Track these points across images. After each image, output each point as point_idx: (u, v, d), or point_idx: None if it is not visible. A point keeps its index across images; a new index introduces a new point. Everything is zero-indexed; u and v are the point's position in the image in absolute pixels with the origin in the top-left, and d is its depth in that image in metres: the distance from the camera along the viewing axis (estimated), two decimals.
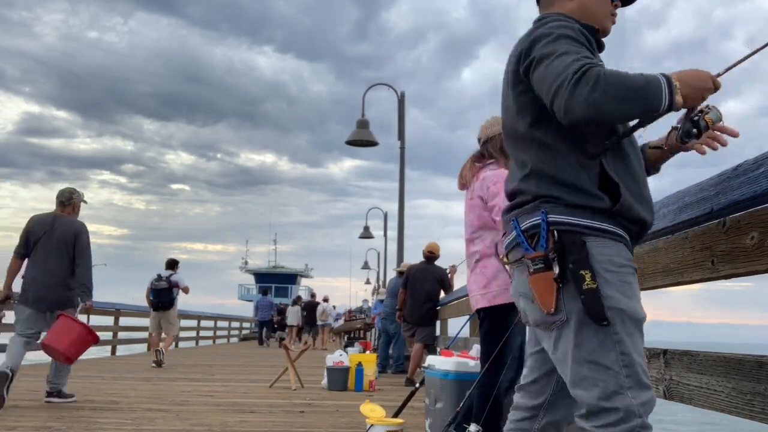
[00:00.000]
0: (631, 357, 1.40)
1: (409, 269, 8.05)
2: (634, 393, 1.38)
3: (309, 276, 51.26)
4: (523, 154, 1.57)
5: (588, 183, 1.46)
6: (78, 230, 5.10)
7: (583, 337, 1.41)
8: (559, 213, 1.45)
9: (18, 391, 5.78)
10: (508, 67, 1.61)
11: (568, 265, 1.41)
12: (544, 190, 1.50)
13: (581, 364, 1.42)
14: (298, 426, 4.21)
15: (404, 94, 10.91)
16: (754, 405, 1.42)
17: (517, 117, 1.57)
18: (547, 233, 1.44)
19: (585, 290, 1.39)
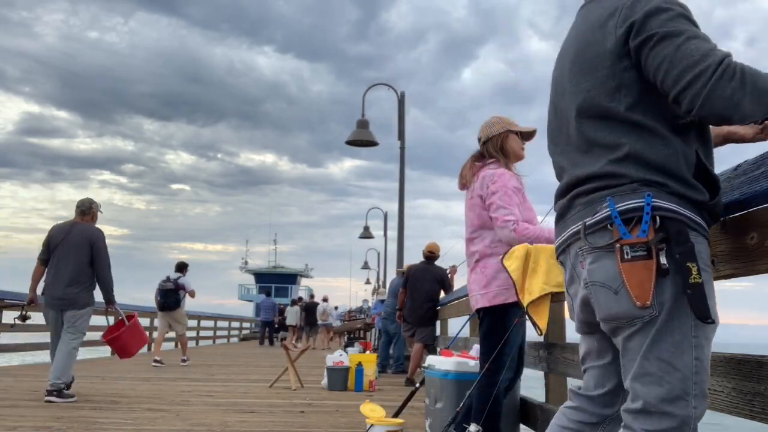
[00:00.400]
0: (704, 364, 1.33)
1: (409, 269, 8.06)
2: (697, 402, 1.31)
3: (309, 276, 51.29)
4: (614, 136, 1.41)
5: (688, 173, 1.37)
6: (94, 236, 5.41)
7: (663, 334, 1.32)
8: (664, 199, 1.34)
9: (18, 391, 5.79)
10: (606, 41, 1.43)
11: (675, 256, 1.30)
12: (643, 174, 1.37)
13: (651, 361, 1.33)
14: (298, 426, 4.21)
15: (404, 94, 10.91)
16: (754, 405, 1.42)
17: (613, 95, 1.42)
18: (650, 218, 1.32)
19: (692, 284, 1.28)
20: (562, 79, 1.59)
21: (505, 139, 3.08)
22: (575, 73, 1.50)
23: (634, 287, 1.31)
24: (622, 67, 1.40)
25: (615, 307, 1.36)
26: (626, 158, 1.39)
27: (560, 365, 2.94)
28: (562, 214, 1.57)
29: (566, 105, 1.55)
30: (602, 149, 1.44)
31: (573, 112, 1.51)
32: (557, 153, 1.63)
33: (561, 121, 1.59)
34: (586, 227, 1.41)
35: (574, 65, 1.51)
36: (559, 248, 1.58)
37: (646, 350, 1.33)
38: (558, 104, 1.61)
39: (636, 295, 1.31)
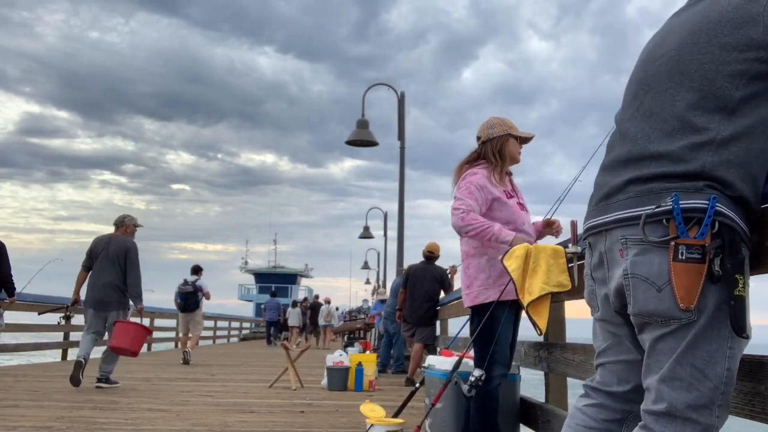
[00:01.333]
0: (733, 375, 1.32)
1: (409, 269, 8.06)
2: (721, 412, 1.31)
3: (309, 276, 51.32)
4: (707, 119, 1.33)
5: (762, 178, 1.33)
6: (128, 247, 6.27)
7: (699, 341, 1.30)
8: (726, 205, 1.30)
9: (18, 391, 5.79)
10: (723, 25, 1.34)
11: (727, 265, 1.28)
12: (716, 170, 1.31)
13: (683, 366, 1.31)
14: (298, 426, 4.21)
15: (404, 94, 10.92)
16: (755, 405, 1.42)
17: (732, 79, 1.32)
18: (710, 222, 1.28)
19: (736, 296, 1.28)
20: (664, 48, 1.46)
21: (504, 143, 3.09)
22: (694, 43, 1.38)
23: (681, 288, 1.28)
24: (751, 57, 1.31)
25: (654, 303, 1.33)
26: (707, 145, 1.32)
27: (560, 365, 2.93)
28: (608, 195, 1.47)
29: (665, 70, 1.43)
30: (687, 129, 1.35)
31: (675, 79, 1.40)
32: (626, 119, 1.52)
33: (650, 88, 1.47)
34: (646, 217, 1.33)
35: (695, 35, 1.39)
36: (593, 229, 1.50)
37: (680, 355, 1.31)
38: (651, 71, 1.48)
39: (681, 297, 1.28)
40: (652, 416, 1.34)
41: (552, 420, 2.97)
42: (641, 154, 1.41)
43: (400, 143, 10.65)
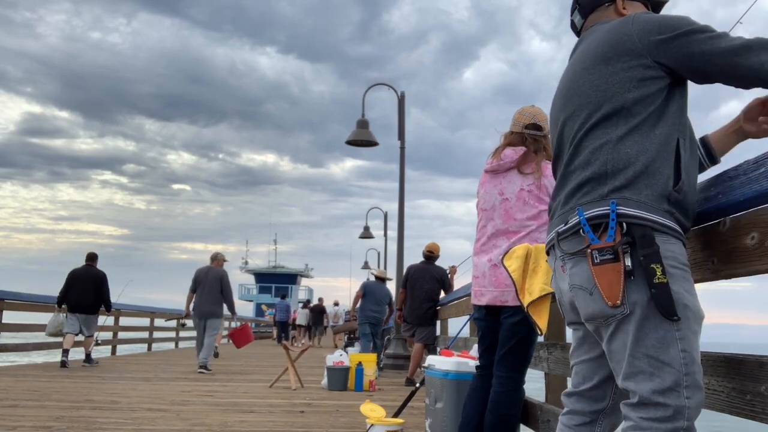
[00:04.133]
0: (692, 355, 1.39)
1: (409, 269, 8.05)
2: (690, 393, 1.37)
3: (309, 276, 51.24)
4: (606, 124, 1.53)
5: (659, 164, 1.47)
6: (222, 276, 8.88)
7: (645, 331, 1.39)
8: (630, 206, 1.43)
9: (18, 391, 5.79)
10: (602, 47, 1.56)
11: (639, 258, 1.39)
12: (617, 166, 1.48)
13: (639, 358, 1.40)
14: (298, 426, 4.21)
15: (404, 94, 10.91)
16: (755, 405, 1.42)
17: (622, 85, 1.51)
18: (615, 224, 1.42)
19: (656, 284, 1.37)
20: (563, 85, 1.72)
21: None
22: (584, 69, 1.62)
23: (605, 288, 1.41)
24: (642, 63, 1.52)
25: (591, 307, 1.47)
26: (606, 144, 1.50)
27: (560, 365, 2.93)
28: (552, 213, 1.68)
29: (567, 98, 1.67)
30: (592, 137, 1.55)
31: (576, 102, 1.64)
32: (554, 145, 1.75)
33: (565, 119, 1.69)
34: (559, 235, 1.56)
35: (583, 63, 1.63)
36: (546, 249, 1.70)
37: (632, 349, 1.41)
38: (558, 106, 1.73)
39: (607, 295, 1.41)
40: (629, 407, 1.43)
41: (552, 420, 2.97)
42: (566, 170, 1.60)
43: (400, 143, 10.64)
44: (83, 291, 9.01)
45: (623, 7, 1.73)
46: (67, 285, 9.05)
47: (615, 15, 1.73)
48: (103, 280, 9.16)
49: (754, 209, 1.44)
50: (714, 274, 1.60)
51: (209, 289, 8.68)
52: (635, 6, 1.75)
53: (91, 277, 9.10)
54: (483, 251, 3.06)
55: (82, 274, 9.11)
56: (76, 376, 7.71)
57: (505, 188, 2.99)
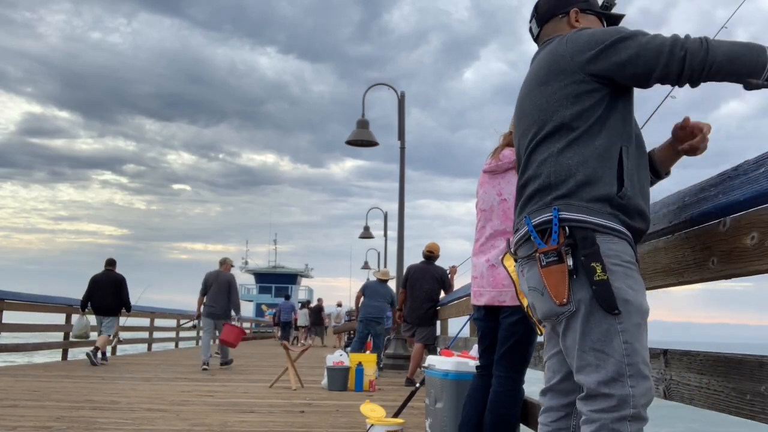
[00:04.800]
0: (634, 346, 1.48)
1: (409, 269, 8.05)
2: (633, 382, 1.46)
3: (309, 276, 51.23)
4: (549, 139, 1.64)
5: (599, 171, 1.55)
6: (230, 280, 9.43)
7: (589, 326, 1.50)
8: (569, 210, 1.54)
9: (18, 391, 5.79)
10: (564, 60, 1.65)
11: (580, 258, 1.49)
12: (559, 177, 1.58)
13: (586, 352, 1.51)
14: (298, 426, 4.21)
15: (404, 94, 10.91)
16: (754, 405, 1.42)
17: (561, 102, 1.62)
18: (558, 228, 1.52)
19: (597, 281, 1.47)
20: (516, 111, 1.87)
21: None
22: (529, 91, 1.77)
23: (552, 288, 1.53)
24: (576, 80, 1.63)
25: (544, 306, 1.59)
26: (549, 158, 1.61)
27: None
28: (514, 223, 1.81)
29: (519, 120, 1.83)
30: (538, 152, 1.67)
31: (526, 122, 1.78)
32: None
33: (519, 137, 1.83)
34: (512, 244, 1.73)
35: (528, 87, 1.77)
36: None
37: (579, 343, 1.52)
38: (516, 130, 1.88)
39: (554, 295, 1.53)
40: (581, 401, 1.54)
41: None
42: (520, 184, 1.74)
43: (400, 143, 10.64)
44: (105, 294, 9.59)
45: (576, 20, 1.81)
46: (89, 289, 9.64)
47: (567, 27, 1.80)
48: (122, 283, 9.74)
49: (754, 209, 1.44)
50: (714, 274, 1.60)
51: (219, 293, 9.27)
52: (588, 19, 1.82)
53: (111, 281, 9.65)
54: (481, 252, 3.07)
55: (103, 278, 9.68)
56: (76, 376, 7.71)
57: (503, 189, 3.00)
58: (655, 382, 1.84)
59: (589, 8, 1.84)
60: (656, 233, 1.85)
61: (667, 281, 1.84)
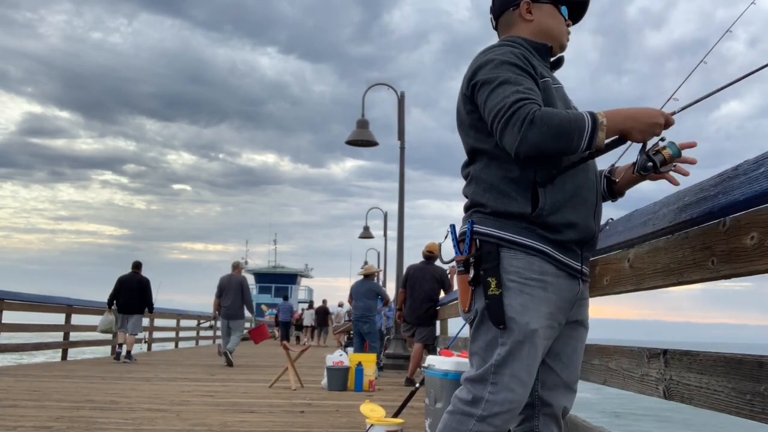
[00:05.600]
0: (507, 359, 1.56)
1: (409, 269, 8.05)
2: (494, 389, 1.56)
3: (309, 276, 51.20)
4: (468, 163, 1.71)
5: (514, 190, 1.59)
6: (242, 282, 10.19)
7: (479, 333, 1.61)
8: (483, 223, 1.61)
9: (18, 391, 5.79)
10: (461, 86, 1.70)
11: (480, 272, 1.59)
12: (476, 198, 1.66)
13: (472, 352, 1.64)
14: (298, 426, 4.21)
15: (404, 94, 10.91)
16: (754, 405, 1.42)
17: (467, 129, 1.69)
18: (470, 241, 1.61)
19: (489, 295, 1.56)
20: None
21: None
22: (458, 112, 1.78)
23: (461, 296, 1.65)
24: (468, 109, 1.67)
25: (460, 311, 1.71)
26: (470, 182, 1.69)
27: None
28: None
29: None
30: (464, 176, 1.75)
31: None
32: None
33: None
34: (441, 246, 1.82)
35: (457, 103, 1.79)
36: None
37: (470, 344, 1.65)
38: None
39: (461, 302, 1.65)
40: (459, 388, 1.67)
41: None
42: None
43: (400, 143, 10.64)
44: (130, 294, 10.48)
45: (527, 11, 1.76)
46: (116, 289, 10.54)
47: (520, 20, 1.76)
48: (147, 285, 10.70)
49: (754, 209, 1.44)
50: (714, 274, 1.60)
51: (233, 294, 10.04)
52: (542, 10, 1.76)
53: (137, 282, 10.60)
54: None
55: (129, 280, 10.62)
56: (76, 376, 7.71)
57: None
58: (655, 382, 1.84)
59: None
60: (656, 233, 1.85)
61: (667, 281, 1.84)
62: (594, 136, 1.47)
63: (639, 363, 1.96)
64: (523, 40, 1.71)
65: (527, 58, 1.62)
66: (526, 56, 1.62)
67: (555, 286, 1.60)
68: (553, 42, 1.76)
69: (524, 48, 1.67)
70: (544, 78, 1.64)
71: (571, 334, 1.72)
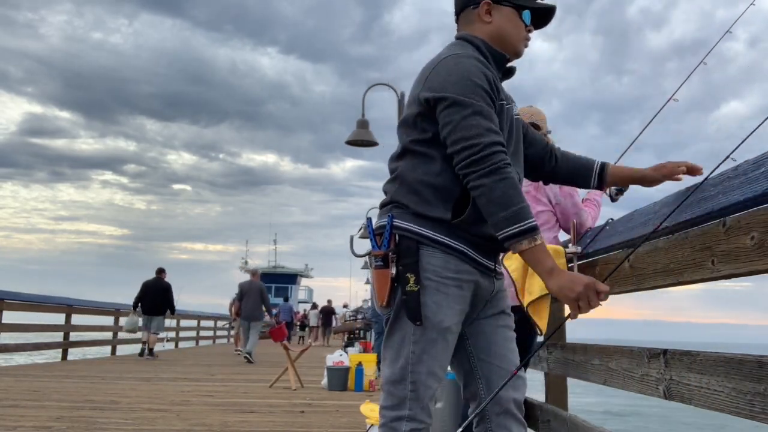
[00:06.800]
0: (420, 357, 1.60)
1: None
2: (413, 387, 1.60)
3: (309, 276, 51.20)
4: (395, 163, 1.71)
5: (437, 197, 1.60)
6: (261, 287, 11.23)
7: (395, 328, 1.63)
8: (403, 219, 1.62)
9: (18, 391, 5.79)
10: (415, 85, 1.67)
11: (399, 267, 1.59)
12: (396, 197, 1.66)
13: (386, 349, 1.66)
14: (298, 426, 4.21)
15: (404, 95, 10.91)
16: (754, 405, 1.41)
17: (405, 129, 1.68)
18: (390, 235, 1.61)
19: (407, 291, 1.57)
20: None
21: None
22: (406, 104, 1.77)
23: (377, 290, 1.63)
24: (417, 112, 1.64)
25: (375, 305, 1.70)
26: (393, 180, 1.69)
27: (560, 365, 2.93)
28: None
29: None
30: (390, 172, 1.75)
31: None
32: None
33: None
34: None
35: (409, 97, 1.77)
36: None
37: (384, 341, 1.67)
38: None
39: (378, 297, 1.63)
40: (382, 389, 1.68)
41: (552, 420, 2.97)
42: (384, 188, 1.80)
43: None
44: (154, 297, 11.54)
45: (487, 12, 1.71)
46: (141, 292, 11.61)
47: (478, 20, 1.72)
48: (169, 289, 11.85)
49: (754, 209, 1.44)
50: (714, 274, 1.60)
51: (253, 298, 11.11)
52: (502, 13, 1.71)
53: (160, 287, 11.72)
54: None
55: (153, 284, 11.74)
56: (76, 376, 7.71)
57: None
58: (655, 382, 1.84)
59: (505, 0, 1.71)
60: (656, 233, 1.85)
61: (666, 281, 1.84)
62: (517, 236, 1.47)
63: (639, 363, 1.96)
64: (482, 42, 1.69)
65: (494, 80, 1.61)
66: (491, 78, 1.60)
67: (470, 284, 1.64)
68: (507, 49, 1.72)
69: (484, 55, 1.66)
70: (501, 101, 1.63)
71: (497, 323, 1.76)
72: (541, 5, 1.74)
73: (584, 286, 1.48)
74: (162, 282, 11.86)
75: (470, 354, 1.74)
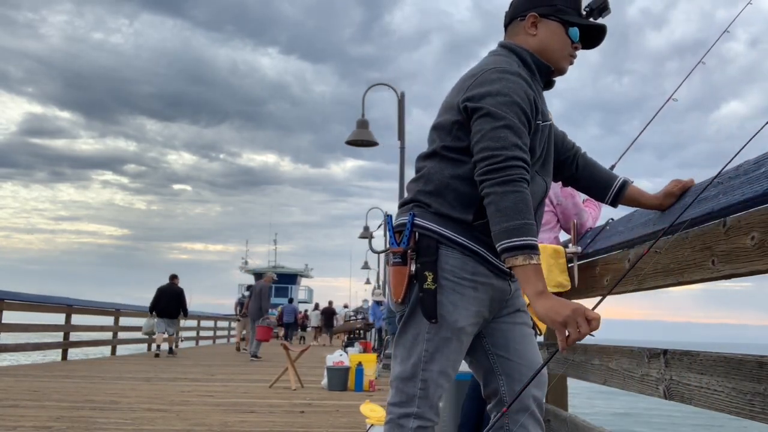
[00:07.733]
0: (433, 355, 1.61)
1: None
2: (424, 386, 1.61)
3: (309, 276, 51.21)
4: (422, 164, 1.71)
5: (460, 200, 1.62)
6: (261, 288, 11.76)
7: (408, 325, 1.64)
8: (424, 218, 1.63)
9: (18, 391, 5.79)
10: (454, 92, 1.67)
11: (418, 265, 1.60)
12: (419, 196, 1.67)
13: (398, 347, 1.67)
14: (298, 426, 4.21)
15: (404, 94, 10.91)
16: (754, 405, 1.41)
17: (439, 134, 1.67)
18: (410, 233, 1.62)
19: (425, 289, 1.58)
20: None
21: None
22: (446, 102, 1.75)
23: (393, 287, 1.65)
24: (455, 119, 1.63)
25: (390, 302, 1.73)
26: (418, 179, 1.69)
27: (560, 365, 2.93)
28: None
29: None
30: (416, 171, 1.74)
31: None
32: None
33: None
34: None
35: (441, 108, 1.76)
36: None
37: (397, 338, 1.67)
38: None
39: (393, 293, 1.65)
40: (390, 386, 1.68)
41: (552, 420, 2.97)
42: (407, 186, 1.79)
43: (400, 143, 10.64)
44: (169, 301, 12.41)
45: (533, 25, 1.70)
46: (157, 297, 12.41)
47: (523, 33, 1.71)
48: (182, 293, 12.72)
49: (754, 209, 1.44)
50: (714, 274, 1.60)
51: (256, 298, 11.80)
52: (549, 27, 1.69)
53: (174, 291, 12.61)
54: None
55: (167, 289, 12.62)
56: (76, 376, 7.71)
57: None
58: (655, 382, 1.84)
59: (553, 14, 1.68)
60: (656, 233, 1.85)
61: (667, 281, 1.84)
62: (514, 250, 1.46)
63: (639, 363, 1.96)
64: (528, 53, 1.68)
65: (534, 100, 1.60)
66: (533, 98, 1.59)
67: (486, 287, 1.64)
68: (553, 64, 1.70)
69: (528, 66, 1.66)
70: (537, 120, 1.62)
71: (514, 321, 1.76)
72: (590, 23, 1.70)
73: (572, 310, 1.45)
74: (175, 287, 12.73)
75: (488, 351, 1.74)
